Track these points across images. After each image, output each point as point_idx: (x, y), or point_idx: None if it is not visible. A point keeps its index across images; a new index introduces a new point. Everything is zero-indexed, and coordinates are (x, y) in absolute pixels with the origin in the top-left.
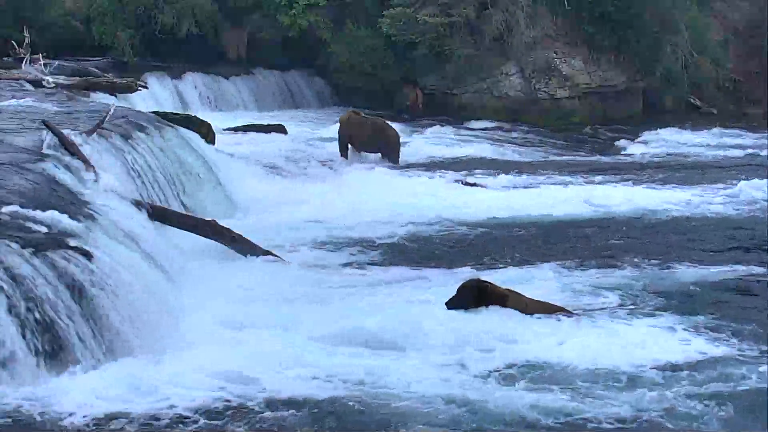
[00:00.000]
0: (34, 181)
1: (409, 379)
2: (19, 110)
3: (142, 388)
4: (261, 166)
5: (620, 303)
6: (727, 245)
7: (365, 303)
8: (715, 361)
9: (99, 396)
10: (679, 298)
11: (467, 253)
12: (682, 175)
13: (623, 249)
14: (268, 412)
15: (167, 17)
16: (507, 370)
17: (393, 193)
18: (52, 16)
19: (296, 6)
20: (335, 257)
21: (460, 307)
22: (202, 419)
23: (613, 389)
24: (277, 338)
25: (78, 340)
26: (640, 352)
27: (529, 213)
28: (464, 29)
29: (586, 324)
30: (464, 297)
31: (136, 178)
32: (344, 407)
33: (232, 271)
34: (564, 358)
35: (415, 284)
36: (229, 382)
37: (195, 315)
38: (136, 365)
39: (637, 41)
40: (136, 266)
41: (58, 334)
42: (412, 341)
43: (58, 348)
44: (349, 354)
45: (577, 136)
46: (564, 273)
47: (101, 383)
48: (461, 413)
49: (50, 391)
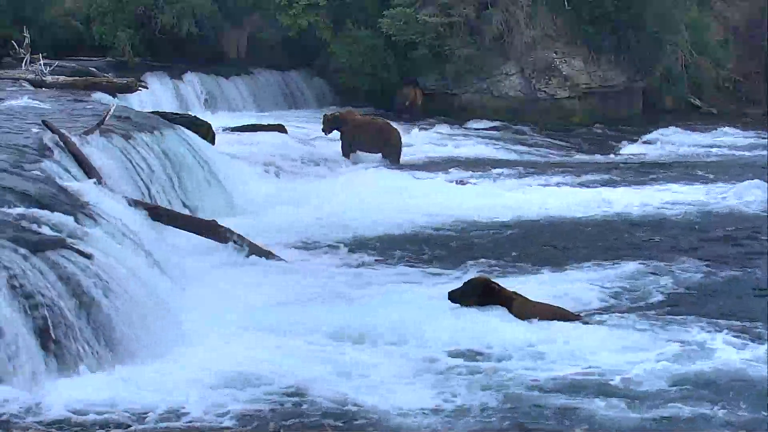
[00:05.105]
0: (34, 181)
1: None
2: (19, 110)
3: (142, 388)
4: (261, 166)
5: (622, 304)
6: (728, 245)
7: (365, 303)
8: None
9: (100, 396)
10: (683, 299)
11: (467, 254)
12: (681, 175)
13: (624, 249)
14: (269, 412)
15: (167, 17)
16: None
17: (393, 193)
18: (52, 16)
19: (296, 6)
20: (335, 257)
21: (462, 302)
22: (203, 420)
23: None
24: (278, 338)
25: (78, 341)
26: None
27: (529, 213)
28: (464, 29)
29: (590, 327)
30: (469, 292)
31: (136, 178)
32: (345, 406)
33: (233, 272)
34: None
35: (415, 284)
36: (230, 383)
37: (195, 315)
38: (136, 365)
39: (637, 41)
40: (137, 266)
41: (58, 335)
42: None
43: (58, 349)
44: (349, 352)
45: (577, 136)
46: (565, 273)
47: (102, 384)
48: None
49: (51, 392)
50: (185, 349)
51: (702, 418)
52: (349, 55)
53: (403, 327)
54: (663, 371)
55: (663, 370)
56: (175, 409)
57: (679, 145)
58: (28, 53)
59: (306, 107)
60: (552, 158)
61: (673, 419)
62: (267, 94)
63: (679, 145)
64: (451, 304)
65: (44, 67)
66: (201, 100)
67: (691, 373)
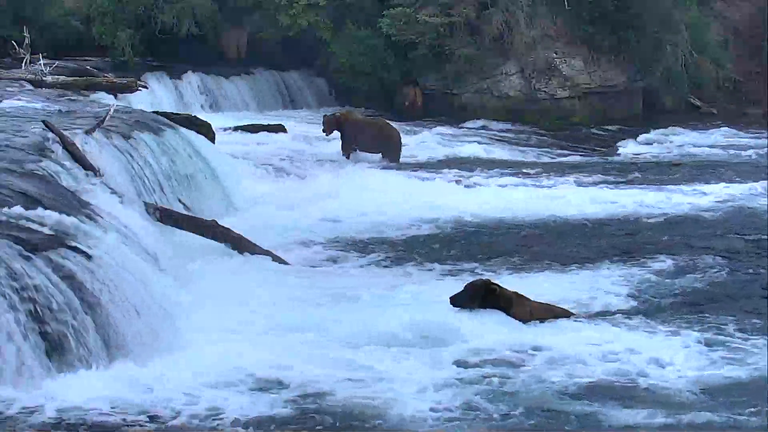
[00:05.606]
0: (34, 181)
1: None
2: (19, 110)
3: (142, 388)
4: (261, 166)
5: (624, 305)
6: (728, 245)
7: (365, 303)
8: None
9: (100, 395)
10: (684, 299)
11: (467, 254)
12: (681, 175)
13: (625, 249)
14: (269, 413)
15: (167, 17)
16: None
17: (393, 193)
18: (52, 16)
19: (296, 6)
20: (335, 257)
21: (464, 306)
22: (203, 419)
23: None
24: (277, 339)
25: (79, 340)
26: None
27: (529, 213)
28: (464, 29)
29: (589, 327)
30: (470, 296)
31: (136, 178)
32: (345, 406)
33: (233, 272)
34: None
35: (415, 284)
36: (230, 383)
37: (195, 315)
38: (136, 365)
39: (637, 41)
40: (137, 266)
41: (58, 334)
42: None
43: (58, 348)
44: (352, 354)
45: (577, 136)
46: (566, 274)
47: (102, 383)
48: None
49: (51, 391)
50: (185, 349)
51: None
52: (349, 55)
53: (410, 329)
54: (691, 376)
55: (691, 375)
56: (176, 408)
57: (679, 145)
58: (28, 53)
59: (306, 107)
60: (551, 158)
61: (701, 427)
62: (267, 94)
63: (679, 145)
64: (455, 308)
65: (44, 67)
66: (201, 100)
67: (720, 378)
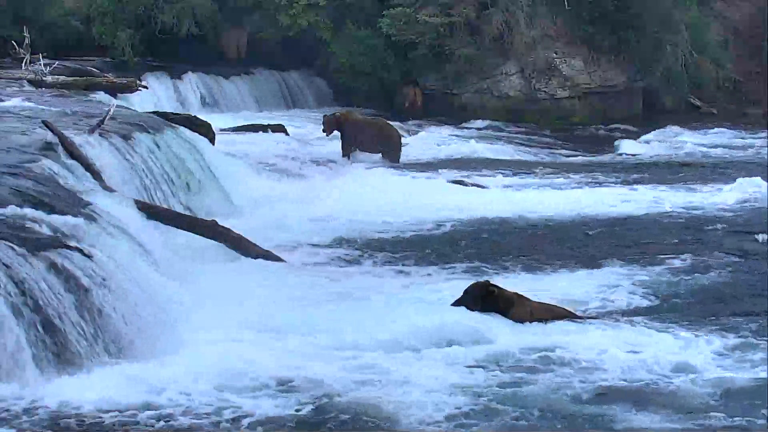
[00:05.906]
0: (34, 181)
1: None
2: (19, 110)
3: (142, 388)
4: (261, 166)
5: (625, 305)
6: (729, 245)
7: (365, 303)
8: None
9: (100, 396)
10: (685, 299)
11: (468, 254)
12: (681, 175)
13: (626, 249)
14: (269, 413)
15: (167, 17)
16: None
17: (393, 193)
18: (52, 16)
19: (296, 6)
20: (335, 257)
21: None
22: (202, 419)
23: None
24: (279, 339)
25: (79, 341)
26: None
27: (529, 213)
28: (464, 29)
29: (591, 328)
30: (470, 299)
31: (136, 178)
32: (345, 406)
33: (232, 272)
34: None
35: (420, 285)
36: (229, 383)
37: (195, 315)
38: (136, 365)
39: (637, 41)
40: (137, 266)
41: (58, 335)
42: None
43: (59, 348)
44: (354, 354)
45: (577, 136)
46: (566, 274)
47: (102, 383)
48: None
49: (51, 391)
50: (185, 349)
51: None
52: (349, 55)
53: (413, 330)
54: (707, 378)
55: (708, 377)
56: (176, 408)
57: (679, 145)
58: (28, 53)
59: (306, 107)
60: (551, 158)
61: (710, 428)
62: (267, 94)
63: (679, 145)
64: (457, 308)
65: (44, 67)
66: (201, 100)
67: (732, 380)
